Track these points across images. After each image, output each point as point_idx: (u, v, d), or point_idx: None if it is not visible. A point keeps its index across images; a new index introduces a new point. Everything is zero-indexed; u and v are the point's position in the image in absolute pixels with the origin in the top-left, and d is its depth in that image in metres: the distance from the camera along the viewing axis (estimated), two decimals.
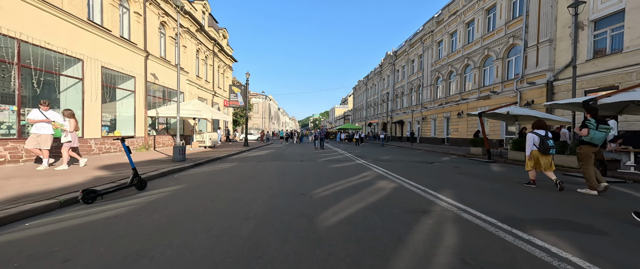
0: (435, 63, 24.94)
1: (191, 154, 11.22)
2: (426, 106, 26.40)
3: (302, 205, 3.86)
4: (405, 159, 11.12)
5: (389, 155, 13.19)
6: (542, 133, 5.01)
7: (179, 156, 8.64)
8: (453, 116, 21.52)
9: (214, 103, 21.95)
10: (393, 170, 7.70)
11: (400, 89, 33.76)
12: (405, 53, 32.10)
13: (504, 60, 16.57)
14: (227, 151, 13.51)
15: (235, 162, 9.59)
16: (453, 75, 22.11)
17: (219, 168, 7.98)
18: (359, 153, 14.18)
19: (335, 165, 8.93)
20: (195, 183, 5.50)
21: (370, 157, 11.62)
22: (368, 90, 49.68)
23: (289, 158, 11.22)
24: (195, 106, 13.25)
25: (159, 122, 15.44)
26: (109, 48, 10.13)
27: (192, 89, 17.37)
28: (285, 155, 12.44)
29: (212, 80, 21.47)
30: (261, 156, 12.08)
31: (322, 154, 13.24)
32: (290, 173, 6.88)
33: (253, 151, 14.84)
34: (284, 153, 13.99)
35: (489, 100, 17.45)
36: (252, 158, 10.92)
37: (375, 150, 16.65)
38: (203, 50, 19.57)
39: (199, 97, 18.74)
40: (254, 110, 50.99)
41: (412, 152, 15.40)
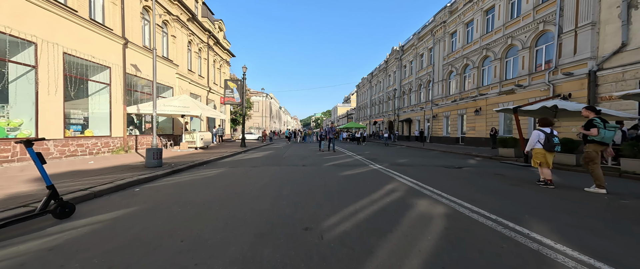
0: (447, 57, 23.10)
1: (175, 157, 9.59)
2: (437, 103, 24.58)
3: (306, 259, 2.16)
4: (426, 162, 9.39)
5: (403, 157, 11.46)
6: (548, 131, 5.08)
7: (153, 161, 7.00)
8: (469, 113, 19.69)
9: (208, 100, 20.34)
10: (422, 179, 5.97)
11: (408, 85, 31.93)
12: (413, 47, 30.25)
13: (531, 49, 14.73)
14: (220, 153, 11.88)
15: (224, 167, 7.94)
16: (469, 69, 20.27)
17: (200, 176, 6.31)
18: (370, 154, 12.46)
19: (346, 171, 7.23)
20: (153, 205, 3.83)
21: (385, 160, 9.90)
22: (372, 88, 47.88)
23: (289, 161, 9.55)
24: (183, 102, 11.61)
25: (146, 120, 13.85)
26: (75, 31, 8.51)
27: (182, 84, 15.75)
28: (286, 158, 10.77)
29: (207, 75, 19.85)
30: (257, 159, 10.42)
31: (328, 156, 11.54)
32: (289, 185, 5.19)
33: (250, 153, 13.19)
34: (285, 155, 12.31)
35: (513, 95, 15.62)
36: (246, 162, 9.26)
37: (385, 151, 14.91)
38: (196, 42, 17.94)
39: (191, 92, 17.13)
40: (254, 108, 49.43)
41: (428, 153, 13.64)
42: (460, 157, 11.90)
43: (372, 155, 12.02)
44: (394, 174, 6.67)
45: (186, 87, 16.21)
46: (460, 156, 12.18)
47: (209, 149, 14.13)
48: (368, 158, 10.51)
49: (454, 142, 21.57)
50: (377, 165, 8.41)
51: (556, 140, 5.01)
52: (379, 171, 7.23)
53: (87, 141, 8.96)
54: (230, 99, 16.72)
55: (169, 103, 11.36)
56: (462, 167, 8.38)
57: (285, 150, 15.23)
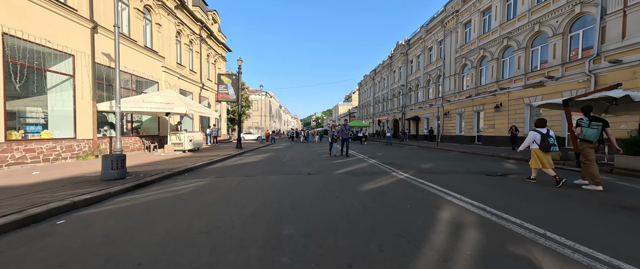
0: (460, 49, 21.33)
1: (152, 163, 7.89)
2: (449, 99, 22.83)
3: None
4: (456, 168, 7.67)
5: (424, 160, 9.74)
6: (544, 131, 5.19)
7: (112, 172, 5.29)
8: (488, 109, 17.93)
9: (202, 97, 18.63)
10: (480, 197, 4.23)
11: (415, 81, 30.16)
12: (420, 40, 28.47)
13: (564, 35, 12.96)
14: (211, 156, 10.18)
15: (210, 177, 6.23)
16: (486, 61, 18.50)
17: (169, 194, 4.60)
18: (383, 157, 10.74)
19: (366, 183, 5.50)
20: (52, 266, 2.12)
21: (406, 165, 8.18)
22: (375, 85, 46.12)
23: (290, 167, 7.84)
24: (166, 98, 9.90)
25: (128, 120, 12.16)
26: (21, 7, 6.79)
27: (170, 79, 14.04)
28: (286, 163, 9.07)
29: (200, 70, 18.13)
30: (252, 165, 8.71)
31: (336, 161, 9.83)
32: (291, 213, 3.46)
33: (245, 156, 11.48)
34: (285, 158, 10.60)
35: (543, 88, 13.86)
36: (238, 169, 7.55)
37: (397, 153, 13.18)
38: (186, 33, 16.21)
39: (180, 89, 15.41)
40: (253, 107, 47.74)
41: (447, 155, 11.91)
42: (489, 159, 10.16)
43: (387, 158, 10.30)
44: (433, 188, 4.94)
45: (175, 82, 14.49)
46: (488, 159, 10.44)
47: (199, 152, 12.43)
48: (384, 163, 8.78)
49: (468, 141, 19.83)
50: (401, 173, 6.68)
51: (551, 140, 5.08)
52: (409, 183, 5.50)
53: (41, 145, 7.26)
54: (224, 96, 15.02)
55: (150, 99, 9.65)
56: (507, 174, 6.66)
57: (286, 152, 13.52)
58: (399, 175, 6.39)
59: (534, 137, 5.27)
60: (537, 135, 5.23)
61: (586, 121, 4.87)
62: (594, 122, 4.81)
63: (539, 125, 5.38)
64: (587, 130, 4.80)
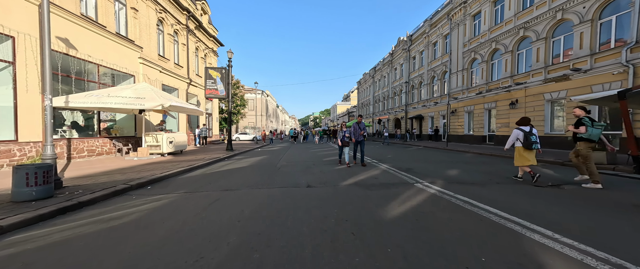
0: (469, 42, 19.93)
1: (114, 171, 6.29)
2: (456, 96, 21.42)
3: None
4: (490, 176, 6.19)
5: (443, 165, 8.27)
6: (527, 129, 5.26)
7: (27, 191, 3.72)
8: (501, 107, 16.52)
9: (189, 94, 16.98)
10: (582, 233, 2.72)
11: (418, 79, 28.76)
12: (424, 35, 27.06)
13: (593, 23, 11.56)
14: (193, 161, 8.60)
15: (177, 193, 4.67)
16: (499, 54, 17.09)
17: (101, 227, 3.02)
18: (394, 160, 9.25)
19: (389, 203, 3.95)
20: None
21: (425, 172, 6.68)
22: (375, 83, 44.71)
23: (285, 176, 6.29)
24: (138, 92, 8.29)
25: (101, 119, 10.53)
26: None
27: (150, 72, 12.39)
28: (280, 169, 7.52)
29: (187, 64, 16.48)
30: (239, 171, 7.15)
31: (341, 166, 8.31)
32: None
33: (234, 160, 9.90)
34: (280, 163, 9.05)
35: (568, 82, 12.45)
36: (219, 178, 5.98)
37: (405, 155, 11.70)
38: (170, 22, 14.57)
39: (163, 84, 13.77)
40: (249, 106, 46.04)
41: (463, 158, 10.45)
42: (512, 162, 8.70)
43: (400, 162, 8.79)
44: (490, 213, 3.40)
45: (155, 76, 12.84)
46: (511, 161, 8.97)
47: (182, 155, 10.83)
48: (400, 169, 7.26)
49: (479, 141, 18.42)
50: (427, 184, 5.15)
51: (534, 138, 5.18)
52: (448, 202, 3.97)
53: None
54: (212, 91, 13.43)
55: (117, 93, 8.03)
56: (559, 185, 5.18)
57: (282, 154, 11.96)
58: (427, 188, 4.87)
59: (518, 135, 5.37)
60: (521, 133, 5.32)
61: (589, 121, 4.82)
62: (596, 123, 4.83)
63: (521, 123, 5.45)
64: (592, 129, 4.75)
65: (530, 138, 5.16)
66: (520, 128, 5.36)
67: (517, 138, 5.37)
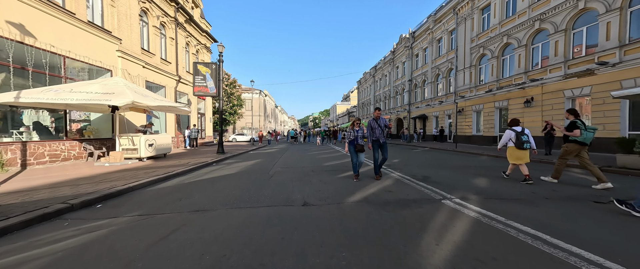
0: (477, 38, 18.80)
1: (65, 182, 5.11)
2: (463, 95, 20.29)
3: None
4: (528, 187, 5.02)
5: (463, 171, 7.13)
6: (519, 130, 5.46)
7: None
8: (514, 105, 15.38)
9: (179, 92, 15.78)
10: None
11: (421, 77, 27.64)
12: (428, 31, 25.95)
13: (622, 11, 10.44)
14: (174, 167, 7.41)
15: (131, 215, 3.50)
16: (511, 49, 15.96)
17: None
18: (406, 166, 8.08)
19: (421, 235, 2.76)
20: None
21: (451, 183, 5.52)
22: (376, 83, 43.62)
23: (277, 188, 5.10)
24: (107, 87, 7.10)
25: (72, 119, 9.34)
26: None
27: (131, 67, 11.20)
28: (274, 177, 6.34)
29: (176, 60, 15.28)
30: (223, 181, 5.95)
31: (343, 173, 7.14)
32: None
33: (222, 165, 8.70)
34: (273, 169, 7.86)
35: (592, 77, 11.32)
36: (193, 192, 4.78)
37: (413, 158, 10.54)
38: (155, 14, 13.37)
39: (147, 80, 12.57)
40: (246, 106, 44.84)
41: (482, 162, 9.29)
42: (541, 167, 7.54)
43: (412, 169, 7.62)
44: (581, 259, 2.22)
45: (138, 71, 11.64)
46: (538, 166, 7.81)
47: (165, 159, 9.64)
48: (415, 178, 6.07)
49: (489, 142, 17.26)
50: (458, 201, 3.97)
51: (525, 138, 5.35)
52: (508, 235, 2.77)
53: None
54: (202, 89, 12.22)
55: (81, 88, 6.84)
56: (626, 201, 3.99)
57: (277, 158, 10.77)
58: (461, 208, 3.68)
59: (510, 136, 5.54)
60: (513, 133, 5.48)
61: (582, 124, 4.93)
62: (589, 126, 4.91)
63: (513, 124, 5.64)
64: (586, 133, 4.87)
65: (522, 138, 5.36)
66: (512, 129, 5.56)
67: (510, 139, 5.57)
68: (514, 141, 5.44)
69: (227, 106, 37.13)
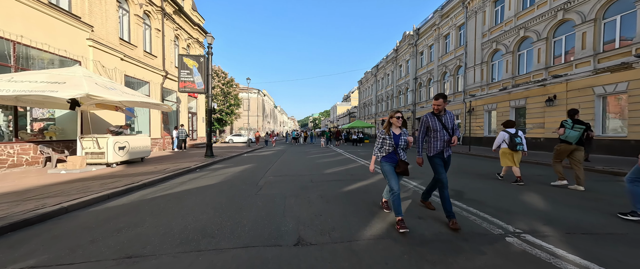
0: (489, 32, 17.49)
1: None
2: (473, 93, 18.96)
3: None
4: (613, 206, 3.67)
5: (503, 186, 5.78)
6: (512, 131, 5.49)
7: None
8: (533, 104, 14.04)
9: (166, 89, 14.45)
10: None
11: (427, 75, 26.32)
12: (434, 27, 24.65)
13: None
14: (142, 176, 6.06)
15: (15, 267, 2.12)
16: (529, 43, 14.64)
17: None
18: (423, 174, 6.75)
19: None
20: None
21: (506, 205, 4.19)
22: (378, 82, 42.31)
23: (263, 212, 3.74)
24: (57, 76, 5.77)
25: (34, 118, 8.02)
26: None
27: (106, 59, 9.86)
28: (261, 191, 4.99)
29: (162, 54, 13.95)
30: (196, 195, 4.59)
31: (355, 183, 5.82)
32: None
33: (205, 172, 7.34)
34: (263, 179, 6.52)
35: (630, 72, 9.98)
36: (150, 214, 3.42)
37: None
38: (138, 1, 12.04)
39: (127, 75, 11.23)
40: (243, 106, 43.51)
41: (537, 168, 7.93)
42: (596, 178, 6.20)
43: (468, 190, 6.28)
44: None
45: (115, 64, 10.30)
46: (601, 176, 6.47)
47: (142, 164, 8.29)
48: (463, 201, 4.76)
49: None
50: (543, 245, 2.59)
51: (518, 139, 5.40)
52: None
53: None
54: (188, 84, 10.88)
55: (23, 77, 5.52)
56: None
57: (272, 162, 9.42)
58: (546, 255, 2.33)
59: (504, 137, 5.59)
60: (506, 135, 5.54)
61: (570, 123, 4.95)
62: (578, 125, 4.89)
63: (507, 126, 5.65)
64: (570, 131, 4.90)
65: (515, 140, 5.39)
66: (506, 131, 5.55)
67: (503, 140, 5.59)
68: (507, 142, 5.49)
69: (223, 106, 35.79)
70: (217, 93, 35.37)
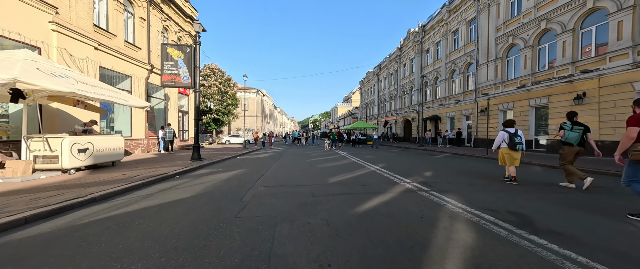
0: (505, 26, 16.20)
1: None
2: (486, 92, 17.63)
3: None
4: None
5: (575, 201, 4.45)
6: (512, 131, 5.48)
7: None
8: (558, 102, 12.71)
9: (151, 85, 13.12)
10: None
11: (433, 74, 25.02)
12: (441, 23, 23.39)
13: None
14: (94, 186, 4.72)
15: None
16: (552, 36, 13.32)
17: None
18: (443, 178, 5.41)
19: None
20: None
21: (577, 232, 2.83)
22: (380, 82, 41.03)
23: (239, 251, 2.39)
24: None
25: None
26: None
27: (75, 47, 8.55)
28: (247, 207, 3.65)
29: (148, 47, 12.65)
30: (159, 214, 3.24)
31: (372, 202, 4.45)
32: None
33: (184, 180, 5.98)
34: (252, 191, 5.18)
35: None
36: (77, 249, 2.11)
37: (440, 166, 7.84)
38: None
39: (102, 66, 9.91)
40: (242, 106, 42.19)
41: (550, 175, 6.56)
42: None
43: (480, 195, 4.93)
44: None
45: (87, 53, 8.98)
46: None
47: (112, 169, 6.95)
48: (510, 223, 3.40)
49: None
50: None
51: (518, 139, 5.39)
52: None
53: None
54: (172, 77, 9.51)
55: None
56: None
57: (267, 167, 8.08)
58: None
59: (503, 137, 5.52)
60: (506, 134, 5.49)
61: (569, 125, 5.05)
62: (577, 127, 4.99)
63: (507, 125, 5.66)
64: (569, 133, 5.00)
65: (515, 140, 5.39)
66: (506, 130, 5.54)
67: (503, 140, 5.54)
68: (507, 142, 5.46)
69: (220, 105, 34.47)
70: (214, 92, 34.05)
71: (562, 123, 5.19)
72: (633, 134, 3.08)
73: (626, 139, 3.14)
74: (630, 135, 3.10)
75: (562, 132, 5.10)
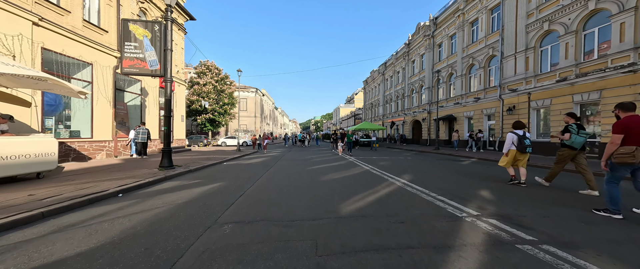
0: (537, 11, 13.98)
1: None
2: (514, 88, 15.36)
3: None
4: None
5: None
6: (520, 133, 5.39)
7: None
8: (612, 97, 10.43)
9: (122, 78, 11.00)
10: None
11: (447, 70, 22.80)
12: (457, 13, 21.21)
13: None
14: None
15: None
16: (604, 17, 11.06)
17: None
18: (524, 204, 3.24)
19: None
20: None
21: None
22: (386, 81, 38.84)
23: None
24: None
25: None
26: None
27: (7, 22, 6.44)
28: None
29: (118, 31, 10.55)
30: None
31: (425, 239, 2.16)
32: None
33: (122, 206, 3.80)
34: (199, 248, 2.95)
35: None
36: None
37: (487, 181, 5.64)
38: None
39: (48, 49, 7.79)
40: (240, 106, 40.13)
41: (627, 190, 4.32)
42: None
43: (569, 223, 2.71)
44: None
45: (20, 29, 6.89)
46: None
47: (30, 183, 4.80)
48: None
49: (551, 151, 12.23)
50: None
51: (527, 142, 5.30)
52: None
53: None
54: (136, 62, 7.32)
55: None
56: None
57: (256, 178, 5.90)
58: None
59: (513, 139, 5.43)
60: (515, 136, 5.41)
61: (575, 128, 4.90)
62: (582, 131, 4.85)
63: (516, 127, 5.56)
64: (576, 137, 4.84)
65: (524, 142, 5.30)
66: (515, 132, 5.45)
67: (512, 142, 5.44)
68: (516, 144, 5.37)
69: (216, 105, 32.44)
70: (209, 91, 32.02)
71: (568, 125, 5.01)
72: (617, 141, 3.28)
73: (611, 145, 3.32)
74: (615, 141, 3.29)
75: (567, 135, 4.90)
